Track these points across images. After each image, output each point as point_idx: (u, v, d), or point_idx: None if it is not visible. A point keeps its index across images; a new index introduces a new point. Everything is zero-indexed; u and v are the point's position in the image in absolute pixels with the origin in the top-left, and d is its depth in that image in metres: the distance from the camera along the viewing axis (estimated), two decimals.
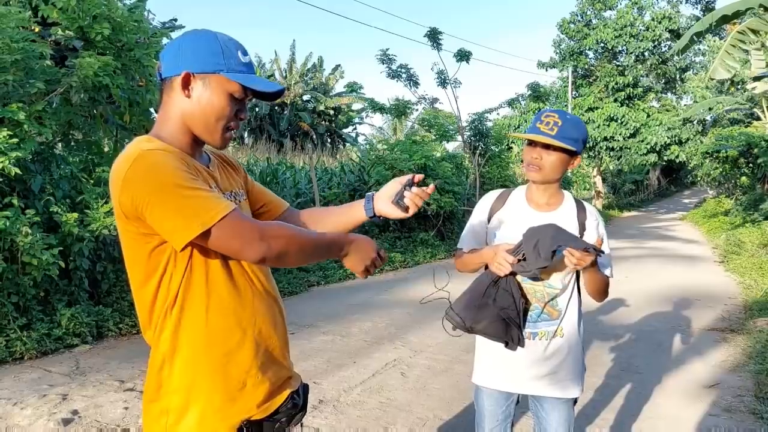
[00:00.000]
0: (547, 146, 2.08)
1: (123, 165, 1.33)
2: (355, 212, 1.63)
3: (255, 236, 1.33)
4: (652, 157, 26.12)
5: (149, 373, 1.45)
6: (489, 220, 2.24)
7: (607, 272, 2.18)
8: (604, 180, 29.17)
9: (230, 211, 1.33)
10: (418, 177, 1.57)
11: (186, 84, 1.43)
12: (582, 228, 2.15)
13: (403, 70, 17.25)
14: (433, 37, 17.34)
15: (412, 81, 17.51)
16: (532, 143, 2.12)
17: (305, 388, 1.66)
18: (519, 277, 2.10)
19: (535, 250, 1.94)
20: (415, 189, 1.57)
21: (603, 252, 2.06)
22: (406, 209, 1.57)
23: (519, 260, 1.98)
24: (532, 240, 1.96)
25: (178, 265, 1.38)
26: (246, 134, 32.02)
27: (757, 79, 16.88)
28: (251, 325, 1.47)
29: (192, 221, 1.29)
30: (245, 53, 1.48)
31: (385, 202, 1.59)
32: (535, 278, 2.07)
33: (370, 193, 1.62)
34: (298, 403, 1.58)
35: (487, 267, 2.21)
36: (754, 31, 10.66)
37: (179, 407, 1.40)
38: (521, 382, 2.18)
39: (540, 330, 2.14)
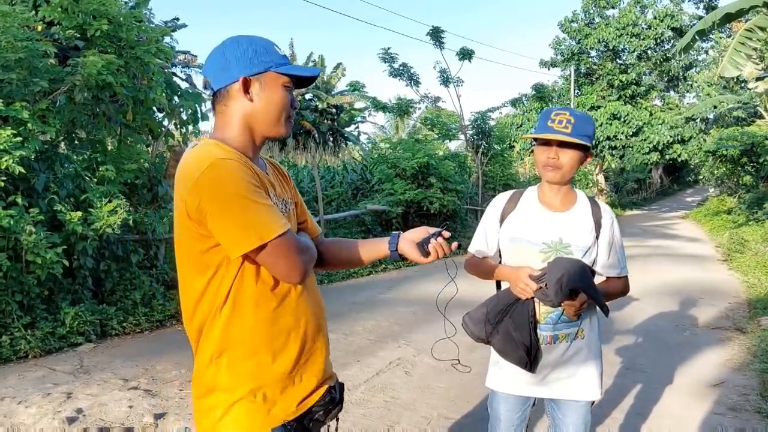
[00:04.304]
0: (562, 145, 2.04)
1: (195, 168, 1.39)
2: (378, 246, 1.69)
3: (298, 264, 1.45)
4: (655, 156, 26.09)
5: (197, 370, 1.52)
6: (501, 222, 2.20)
7: (623, 272, 2.20)
8: (606, 178, 29.13)
9: (286, 230, 1.42)
10: (446, 233, 1.64)
11: (246, 88, 1.50)
12: (598, 226, 2.12)
13: (404, 71, 17.26)
14: (436, 35, 17.33)
15: (414, 80, 17.51)
16: (546, 143, 2.07)
17: (341, 386, 1.71)
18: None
19: (558, 282, 1.91)
20: (440, 240, 1.63)
21: (607, 313, 2.11)
22: (427, 254, 1.63)
23: (541, 288, 1.96)
24: (558, 272, 1.93)
25: (230, 268, 1.44)
26: None
27: (759, 79, 16.86)
28: (297, 327, 1.53)
29: (251, 234, 1.37)
30: (278, 47, 1.57)
31: (408, 243, 1.63)
32: (554, 306, 2.03)
33: (396, 232, 1.67)
34: (335, 398, 1.63)
35: (499, 282, 2.24)
36: (762, 29, 10.63)
37: (225, 404, 1.47)
38: (541, 385, 2.15)
39: (561, 332, 2.10)
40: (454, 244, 1.65)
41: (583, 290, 1.94)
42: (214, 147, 1.45)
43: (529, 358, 2.05)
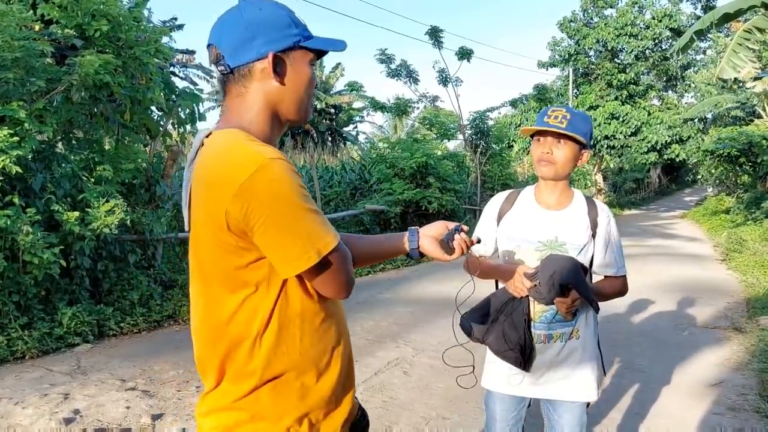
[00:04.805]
0: (557, 140, 2.05)
1: (238, 171, 1.14)
2: (395, 243, 1.54)
3: (348, 277, 1.28)
4: (653, 156, 26.11)
5: (225, 398, 1.30)
6: (498, 222, 2.21)
7: (620, 272, 2.19)
8: (605, 178, 29.16)
9: (339, 241, 1.23)
10: (466, 227, 1.56)
11: (275, 67, 1.26)
12: (594, 225, 2.12)
13: (402, 69, 17.27)
14: (434, 35, 17.33)
15: (412, 78, 17.52)
16: (540, 138, 2.09)
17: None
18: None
19: (550, 280, 1.92)
20: (463, 235, 1.54)
21: (599, 309, 2.10)
22: (451, 251, 1.53)
23: (534, 285, 1.96)
24: (550, 269, 1.94)
25: (272, 285, 1.23)
26: None
27: (756, 78, 16.88)
28: (338, 343, 1.37)
29: (308, 249, 1.17)
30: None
31: (430, 240, 1.51)
32: (547, 303, 2.03)
33: (414, 228, 1.55)
34: (366, 416, 1.52)
35: (497, 282, 2.23)
36: (761, 30, 10.62)
37: None
38: (536, 386, 2.14)
39: (555, 332, 2.10)
40: (474, 238, 1.59)
41: (574, 286, 1.94)
42: (250, 141, 1.21)
43: (524, 357, 2.05)
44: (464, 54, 17.39)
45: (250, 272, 1.22)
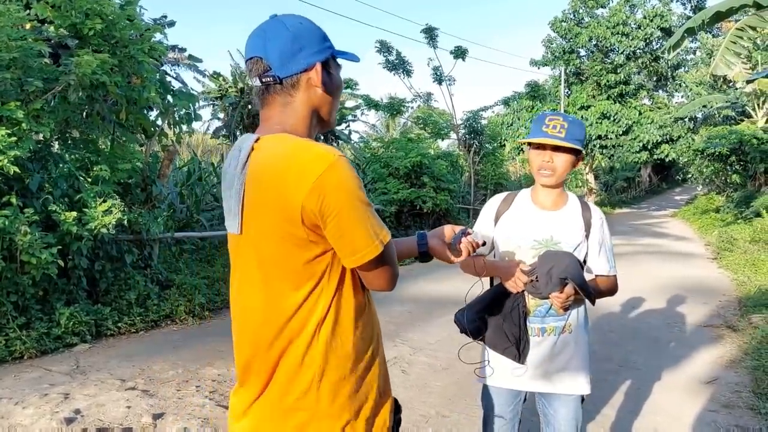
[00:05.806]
0: (556, 149, 2.13)
1: (312, 168, 1.21)
2: (406, 246, 1.61)
3: (396, 269, 1.36)
4: (644, 155, 26.28)
5: (281, 396, 1.33)
6: (496, 222, 2.28)
7: (611, 271, 2.25)
8: (596, 177, 29.30)
9: (390, 235, 1.32)
10: (470, 230, 1.64)
11: (321, 76, 1.35)
12: (588, 226, 2.20)
13: (398, 60, 17.40)
14: (429, 33, 17.39)
15: (405, 69, 17.63)
16: (540, 147, 2.15)
17: None
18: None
19: (548, 274, 1.99)
20: (470, 238, 1.61)
21: (594, 302, 2.13)
22: (458, 254, 1.60)
23: (532, 281, 2.02)
24: (548, 264, 2.00)
25: (332, 277, 1.30)
26: (239, 132, 31.78)
27: (749, 81, 17.05)
28: (379, 338, 1.43)
29: (374, 240, 1.26)
30: None
31: (438, 242, 1.60)
32: (543, 298, 2.08)
33: (422, 232, 1.63)
34: (400, 407, 1.53)
35: (492, 279, 2.28)
36: (753, 28, 10.73)
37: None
38: (531, 379, 2.19)
39: (548, 325, 2.16)
40: (480, 240, 1.65)
41: (573, 280, 1.99)
42: (311, 142, 1.30)
43: (518, 350, 2.12)
44: (459, 53, 17.45)
45: (315, 266, 1.28)
